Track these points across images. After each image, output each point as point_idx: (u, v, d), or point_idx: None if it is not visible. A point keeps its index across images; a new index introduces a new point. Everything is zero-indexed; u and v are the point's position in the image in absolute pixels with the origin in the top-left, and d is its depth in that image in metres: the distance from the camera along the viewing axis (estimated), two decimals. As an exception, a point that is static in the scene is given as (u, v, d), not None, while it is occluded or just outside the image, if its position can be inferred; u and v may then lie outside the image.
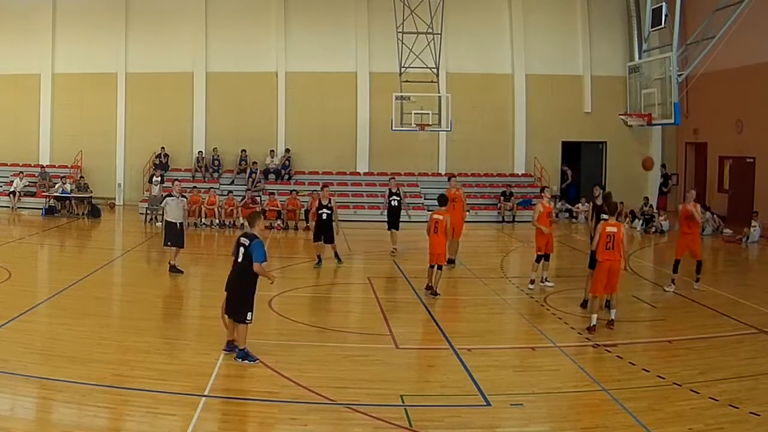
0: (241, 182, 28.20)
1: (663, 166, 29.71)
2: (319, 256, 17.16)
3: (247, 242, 9.63)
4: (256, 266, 9.48)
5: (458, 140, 29.11)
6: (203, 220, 24.07)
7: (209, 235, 22.99)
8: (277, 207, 24.74)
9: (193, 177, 28.57)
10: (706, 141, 28.45)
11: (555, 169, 30.26)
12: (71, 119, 29.58)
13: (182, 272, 15.70)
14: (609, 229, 11.41)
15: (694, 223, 14.38)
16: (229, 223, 24.17)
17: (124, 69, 29.75)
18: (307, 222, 23.22)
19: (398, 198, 19.60)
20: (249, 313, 9.55)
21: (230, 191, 25.65)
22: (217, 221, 24.27)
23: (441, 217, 14.11)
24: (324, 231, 17.06)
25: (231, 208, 24.46)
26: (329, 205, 17.07)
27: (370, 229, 24.53)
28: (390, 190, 19.84)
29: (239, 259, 9.68)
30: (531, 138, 30.23)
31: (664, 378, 9.18)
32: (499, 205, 27.57)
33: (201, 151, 29.23)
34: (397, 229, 19.32)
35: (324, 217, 17.00)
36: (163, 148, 28.87)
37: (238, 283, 9.67)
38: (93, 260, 17.77)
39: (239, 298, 9.60)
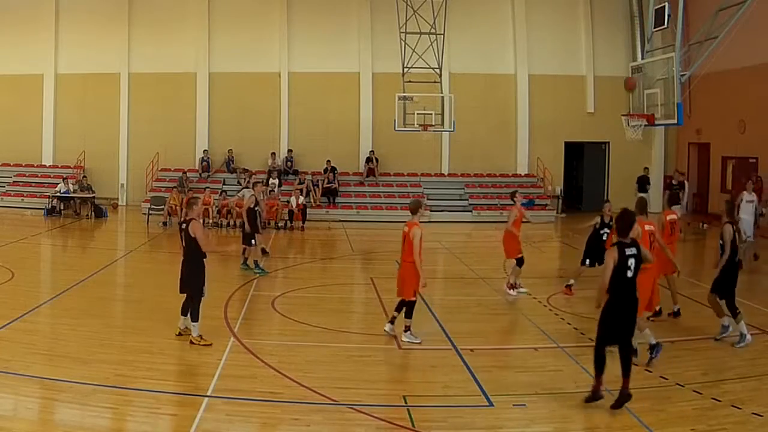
0: (231, 182, 28.22)
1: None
2: None
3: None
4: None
5: (461, 141, 29.10)
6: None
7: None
8: (276, 205, 24.76)
9: (200, 176, 28.66)
10: (708, 141, 28.40)
11: (558, 170, 30.27)
12: (74, 120, 29.67)
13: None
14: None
15: None
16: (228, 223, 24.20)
17: (127, 69, 29.83)
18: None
19: (609, 229, 13.85)
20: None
21: (224, 191, 25.67)
22: (210, 221, 24.32)
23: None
24: None
25: (226, 208, 24.51)
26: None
27: (373, 229, 24.57)
28: (602, 218, 14.46)
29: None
30: (534, 138, 30.24)
31: (666, 378, 9.17)
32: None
33: (206, 150, 29.29)
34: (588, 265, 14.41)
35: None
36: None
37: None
38: (96, 260, 17.79)
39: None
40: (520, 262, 14.26)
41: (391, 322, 11.01)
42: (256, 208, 16.66)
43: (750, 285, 16.42)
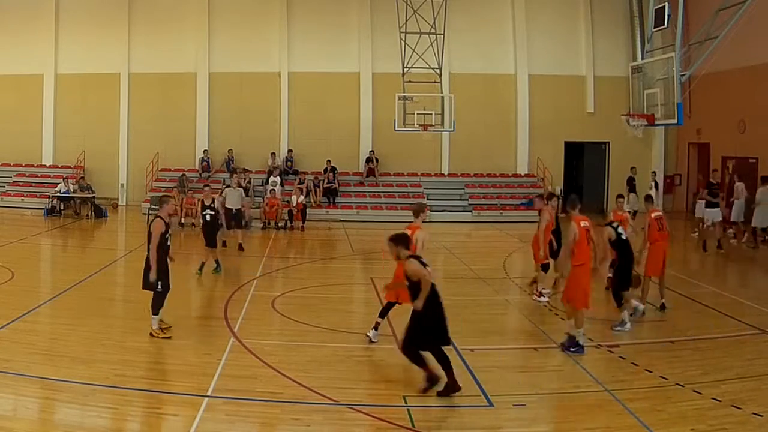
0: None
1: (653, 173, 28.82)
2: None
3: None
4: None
5: (461, 140, 29.08)
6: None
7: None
8: (276, 205, 24.70)
9: (200, 176, 28.65)
10: (708, 141, 28.39)
11: (558, 170, 30.26)
12: (74, 120, 29.66)
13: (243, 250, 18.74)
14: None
15: None
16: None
17: (127, 69, 29.81)
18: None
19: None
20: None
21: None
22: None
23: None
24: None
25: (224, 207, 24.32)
26: (212, 205, 16.18)
27: (373, 229, 24.52)
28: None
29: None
30: (534, 138, 30.22)
31: (666, 378, 9.17)
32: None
33: (206, 150, 29.30)
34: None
35: (208, 218, 16.04)
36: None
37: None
38: (96, 260, 17.79)
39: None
40: (545, 267, 14.14)
41: (375, 328, 10.76)
42: (203, 213, 16.10)
43: (750, 285, 16.45)
